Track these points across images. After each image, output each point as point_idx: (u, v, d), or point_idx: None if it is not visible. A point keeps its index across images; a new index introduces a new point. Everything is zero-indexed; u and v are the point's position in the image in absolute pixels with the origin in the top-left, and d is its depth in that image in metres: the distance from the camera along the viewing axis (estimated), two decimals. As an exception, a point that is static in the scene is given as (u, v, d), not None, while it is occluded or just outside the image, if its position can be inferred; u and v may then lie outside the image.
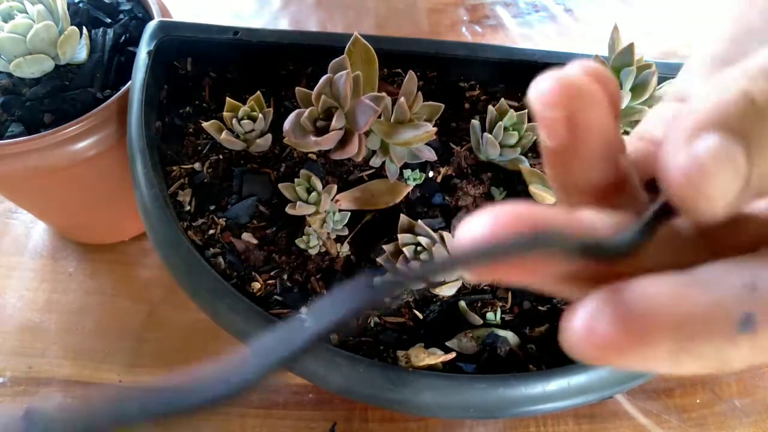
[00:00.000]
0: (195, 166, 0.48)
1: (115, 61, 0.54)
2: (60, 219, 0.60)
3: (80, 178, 0.52)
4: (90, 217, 0.59)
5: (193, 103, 0.51)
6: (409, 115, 0.42)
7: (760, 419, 0.46)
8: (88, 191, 0.54)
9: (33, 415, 0.13)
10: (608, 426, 0.45)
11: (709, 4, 0.76)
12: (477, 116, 0.48)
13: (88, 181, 0.53)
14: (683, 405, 0.46)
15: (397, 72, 0.52)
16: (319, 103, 0.40)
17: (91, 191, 0.55)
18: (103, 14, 0.58)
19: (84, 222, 0.60)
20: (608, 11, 0.76)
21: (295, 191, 0.43)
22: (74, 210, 0.58)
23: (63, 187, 0.53)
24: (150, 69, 0.48)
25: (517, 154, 0.44)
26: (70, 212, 0.58)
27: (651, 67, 0.41)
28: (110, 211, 0.58)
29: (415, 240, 0.40)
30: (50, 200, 0.55)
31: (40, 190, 0.53)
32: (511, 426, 0.45)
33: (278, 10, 0.77)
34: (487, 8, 0.77)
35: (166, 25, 0.51)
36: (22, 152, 0.46)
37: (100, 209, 0.58)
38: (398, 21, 0.76)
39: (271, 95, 0.51)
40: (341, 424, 0.46)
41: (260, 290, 0.43)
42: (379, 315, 0.42)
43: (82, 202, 0.56)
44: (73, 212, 0.58)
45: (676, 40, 0.72)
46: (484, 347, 0.40)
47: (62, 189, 0.53)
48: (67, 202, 0.56)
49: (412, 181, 0.46)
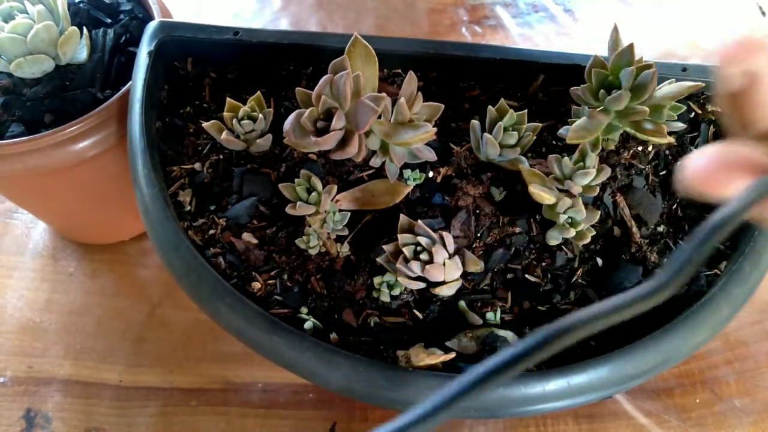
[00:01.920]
0: (195, 166, 0.48)
1: (115, 62, 0.54)
2: (60, 219, 0.61)
3: (80, 178, 0.52)
4: (90, 217, 0.59)
5: (193, 103, 0.51)
6: (409, 116, 0.42)
7: (760, 419, 0.46)
8: (88, 191, 0.55)
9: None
10: (608, 426, 0.45)
11: (709, 4, 0.76)
12: (477, 116, 0.48)
13: (88, 181, 0.53)
14: (683, 405, 0.46)
15: (397, 72, 0.52)
16: (319, 104, 0.40)
17: (91, 191, 0.55)
18: (104, 14, 0.58)
19: (84, 222, 0.60)
20: (608, 11, 0.76)
21: (295, 191, 0.43)
22: (74, 210, 0.58)
23: (63, 187, 0.53)
24: (150, 69, 0.48)
25: (516, 154, 0.44)
26: (71, 212, 0.58)
27: (651, 67, 0.41)
28: (110, 211, 0.58)
29: (415, 240, 0.40)
30: (50, 200, 0.55)
31: (41, 190, 0.53)
32: (511, 426, 0.45)
33: (278, 11, 0.77)
34: (487, 8, 0.77)
35: (167, 26, 0.51)
36: (22, 152, 0.46)
37: (100, 209, 0.58)
38: (398, 21, 0.76)
39: (272, 95, 0.51)
40: (341, 424, 0.46)
41: (260, 290, 0.43)
42: (379, 315, 0.42)
43: (82, 202, 0.56)
44: (73, 212, 0.58)
45: (676, 41, 0.72)
46: (484, 347, 0.40)
47: (62, 189, 0.53)
48: (68, 202, 0.56)
49: (412, 181, 0.46)
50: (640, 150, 0.48)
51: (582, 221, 0.42)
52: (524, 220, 0.44)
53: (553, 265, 0.44)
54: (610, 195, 0.46)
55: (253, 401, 0.49)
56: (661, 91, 0.43)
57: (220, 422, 0.49)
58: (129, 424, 0.49)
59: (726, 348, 0.49)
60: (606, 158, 0.47)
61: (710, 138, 0.49)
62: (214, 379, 0.51)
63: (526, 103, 0.51)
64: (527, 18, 0.76)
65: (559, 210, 0.42)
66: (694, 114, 0.50)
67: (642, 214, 0.45)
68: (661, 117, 0.43)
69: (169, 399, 0.50)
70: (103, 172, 0.52)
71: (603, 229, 0.45)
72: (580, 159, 0.42)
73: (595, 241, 0.44)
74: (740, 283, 0.40)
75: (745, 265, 0.40)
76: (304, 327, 0.41)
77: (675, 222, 0.46)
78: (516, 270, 0.43)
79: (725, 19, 0.73)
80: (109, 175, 0.53)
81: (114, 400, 0.51)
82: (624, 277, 0.43)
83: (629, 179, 0.46)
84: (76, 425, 0.49)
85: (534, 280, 0.43)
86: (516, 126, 0.44)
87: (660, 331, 0.38)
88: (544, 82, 0.51)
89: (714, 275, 0.43)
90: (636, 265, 0.43)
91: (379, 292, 0.42)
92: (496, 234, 0.44)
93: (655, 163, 0.48)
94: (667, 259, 0.44)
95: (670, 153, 0.48)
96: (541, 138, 0.49)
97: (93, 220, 0.59)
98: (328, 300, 0.42)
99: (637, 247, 0.44)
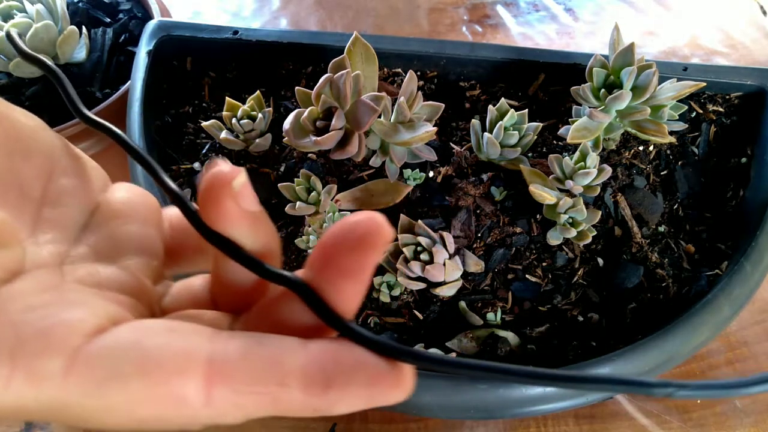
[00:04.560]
0: (194, 165, 0.48)
1: (114, 61, 0.54)
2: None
3: (80, 177, 0.51)
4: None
5: (192, 102, 0.51)
6: (409, 115, 0.41)
7: (760, 419, 0.46)
8: (87, 191, 0.54)
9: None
10: (608, 426, 0.45)
11: (710, 4, 0.76)
12: (477, 116, 0.48)
13: (87, 180, 0.52)
14: (683, 405, 0.46)
15: (397, 72, 0.52)
16: (319, 103, 0.39)
17: (90, 191, 0.54)
18: (103, 14, 0.58)
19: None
20: (609, 11, 0.76)
21: (295, 191, 0.43)
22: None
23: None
24: (149, 69, 0.48)
25: (517, 153, 0.44)
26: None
27: (651, 66, 0.41)
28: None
29: (415, 240, 0.40)
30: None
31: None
32: (511, 426, 0.45)
33: (278, 10, 0.77)
34: (487, 8, 0.77)
35: (166, 25, 0.51)
36: (21, 152, 0.46)
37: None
38: (398, 21, 0.75)
39: (271, 95, 0.51)
40: (341, 424, 0.46)
41: (260, 290, 0.42)
42: (379, 315, 0.42)
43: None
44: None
45: (677, 40, 0.72)
46: (484, 347, 0.40)
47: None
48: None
49: (412, 181, 0.46)
50: (641, 150, 0.48)
51: (583, 221, 0.42)
52: (525, 220, 0.44)
53: (553, 265, 0.43)
54: (611, 195, 0.46)
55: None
56: (662, 90, 0.43)
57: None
58: (128, 424, 0.49)
59: (727, 348, 0.49)
60: (607, 158, 0.47)
61: (711, 138, 0.49)
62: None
63: (526, 102, 0.51)
64: (528, 17, 0.76)
65: (560, 210, 0.42)
66: (695, 113, 0.50)
67: (643, 213, 0.45)
68: (662, 117, 0.43)
69: (169, 399, 0.50)
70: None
71: (604, 229, 0.45)
72: (580, 159, 0.42)
73: (595, 241, 0.44)
74: (741, 283, 0.40)
75: (746, 265, 0.40)
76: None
77: (676, 222, 0.46)
78: (516, 270, 0.43)
79: (726, 19, 0.73)
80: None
81: (113, 400, 0.51)
82: (625, 277, 0.43)
83: (630, 179, 0.46)
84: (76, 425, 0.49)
85: (535, 280, 0.43)
86: (517, 126, 0.44)
87: (661, 332, 0.38)
88: (545, 82, 0.51)
89: (715, 275, 0.42)
90: (637, 264, 0.43)
91: (379, 292, 0.41)
92: (496, 234, 0.44)
93: (656, 163, 0.48)
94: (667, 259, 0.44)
95: (671, 153, 0.48)
96: (541, 137, 0.48)
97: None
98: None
99: (638, 247, 0.44)
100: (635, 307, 0.42)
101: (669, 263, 0.44)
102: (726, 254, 0.44)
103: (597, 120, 0.43)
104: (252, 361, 0.16)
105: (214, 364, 0.15)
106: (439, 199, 0.45)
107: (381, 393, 0.16)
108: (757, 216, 0.43)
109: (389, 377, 0.16)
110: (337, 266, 0.17)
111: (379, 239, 0.16)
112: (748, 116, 0.49)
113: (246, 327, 0.19)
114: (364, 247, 0.16)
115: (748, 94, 0.50)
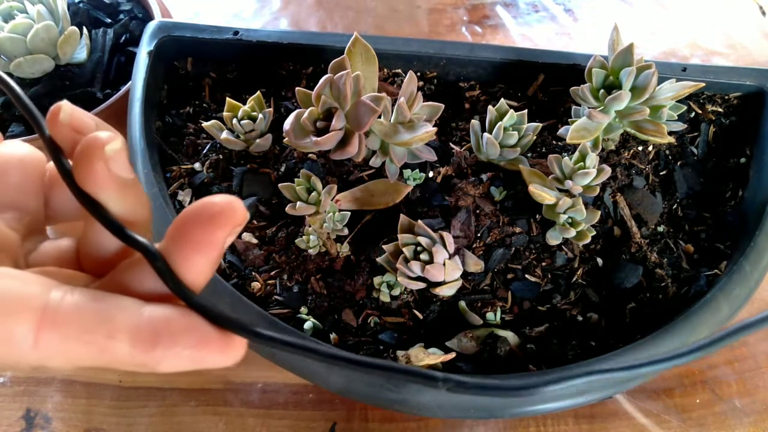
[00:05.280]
0: (195, 166, 0.48)
1: (115, 61, 0.54)
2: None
3: (80, 178, 0.52)
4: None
5: (193, 103, 0.51)
6: (409, 116, 0.42)
7: (760, 419, 0.46)
8: (88, 191, 0.54)
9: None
10: (608, 426, 0.45)
11: (709, 4, 0.76)
12: (477, 116, 0.48)
13: (88, 181, 0.53)
14: (683, 405, 0.46)
15: (397, 72, 0.52)
16: (319, 104, 0.40)
17: (91, 191, 0.55)
18: (103, 14, 0.58)
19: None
20: (608, 11, 0.76)
21: (295, 191, 0.43)
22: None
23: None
24: (150, 69, 0.48)
25: (517, 154, 0.44)
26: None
27: (651, 67, 0.41)
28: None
29: (415, 240, 0.40)
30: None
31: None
32: (511, 426, 0.45)
33: (278, 10, 0.77)
34: (487, 8, 0.77)
35: (167, 25, 0.51)
36: (22, 152, 0.46)
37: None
38: (398, 21, 0.76)
39: (271, 95, 0.51)
40: (341, 424, 0.46)
41: (260, 290, 0.43)
42: (379, 315, 0.42)
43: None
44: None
45: (676, 40, 0.72)
46: (484, 347, 0.40)
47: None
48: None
49: (412, 181, 0.46)
50: (640, 150, 0.48)
51: (582, 221, 0.42)
52: (524, 220, 0.44)
53: (553, 265, 0.44)
54: (610, 195, 0.46)
55: (252, 401, 0.49)
56: (661, 91, 0.43)
57: (220, 422, 0.48)
58: (129, 424, 0.49)
59: (726, 348, 0.49)
60: (606, 158, 0.47)
61: (710, 138, 0.49)
62: (214, 379, 0.51)
63: (526, 103, 0.51)
64: (527, 18, 0.76)
65: (560, 210, 0.42)
66: (694, 114, 0.50)
67: (642, 213, 0.45)
68: (661, 117, 0.43)
69: (169, 399, 0.50)
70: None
71: (603, 229, 0.45)
72: (580, 159, 0.42)
73: (595, 241, 0.44)
74: (740, 283, 0.40)
75: (746, 265, 0.40)
76: (304, 327, 0.41)
77: (675, 222, 0.46)
78: (516, 270, 0.43)
79: (725, 19, 0.73)
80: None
81: (114, 400, 0.51)
82: (624, 276, 0.43)
83: (629, 179, 0.46)
84: (76, 425, 0.49)
85: (534, 280, 0.43)
86: (516, 126, 0.44)
87: (660, 331, 0.38)
88: (544, 82, 0.51)
89: (714, 275, 0.42)
90: (636, 264, 0.43)
91: (379, 292, 0.42)
92: (496, 234, 0.44)
93: (656, 163, 0.48)
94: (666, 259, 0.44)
95: (670, 153, 0.48)
96: (541, 138, 0.49)
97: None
98: (327, 300, 0.42)
99: (638, 247, 0.44)
100: (634, 307, 0.42)
101: (668, 263, 0.44)
102: (725, 254, 0.44)
103: (596, 120, 0.43)
104: (84, 312, 0.17)
105: (47, 311, 0.17)
106: (439, 199, 0.45)
107: (206, 356, 0.18)
108: (756, 216, 0.43)
109: (216, 342, 0.18)
110: (189, 239, 0.18)
111: (230, 220, 0.18)
112: (747, 116, 0.49)
113: (100, 288, 0.20)
114: (215, 224, 0.18)
115: (747, 95, 0.50)
